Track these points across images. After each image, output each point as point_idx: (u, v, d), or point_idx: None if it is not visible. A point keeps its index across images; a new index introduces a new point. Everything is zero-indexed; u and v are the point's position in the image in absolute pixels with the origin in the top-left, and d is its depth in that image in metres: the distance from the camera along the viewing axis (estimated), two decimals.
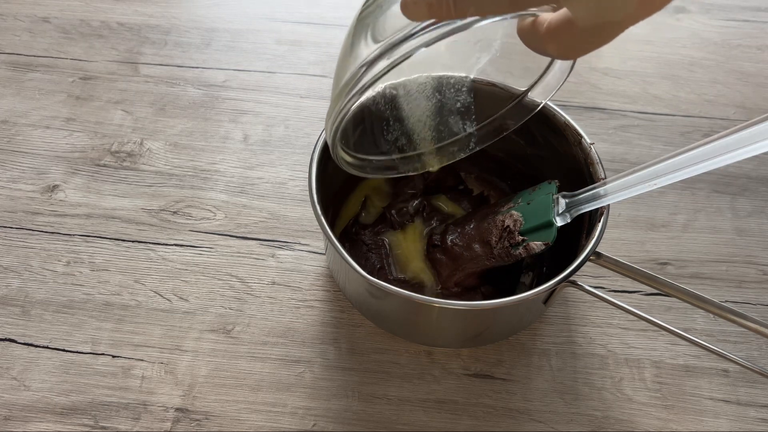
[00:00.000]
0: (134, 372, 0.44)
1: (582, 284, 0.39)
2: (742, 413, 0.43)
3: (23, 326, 0.46)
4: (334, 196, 0.49)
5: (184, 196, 0.53)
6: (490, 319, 0.42)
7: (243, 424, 0.42)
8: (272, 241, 0.50)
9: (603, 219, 0.38)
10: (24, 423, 0.41)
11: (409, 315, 0.42)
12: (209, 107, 0.59)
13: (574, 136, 0.43)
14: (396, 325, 0.44)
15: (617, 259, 0.38)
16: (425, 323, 0.42)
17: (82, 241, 0.50)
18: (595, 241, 0.38)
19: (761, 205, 0.54)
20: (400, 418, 0.42)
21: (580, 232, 0.41)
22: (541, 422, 0.42)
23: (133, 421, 0.42)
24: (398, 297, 0.36)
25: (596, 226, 0.38)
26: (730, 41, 0.67)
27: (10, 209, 0.52)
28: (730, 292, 0.49)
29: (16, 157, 0.55)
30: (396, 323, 0.44)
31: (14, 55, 0.63)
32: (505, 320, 0.43)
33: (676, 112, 0.60)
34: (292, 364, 0.44)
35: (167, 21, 0.67)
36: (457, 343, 0.45)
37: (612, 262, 0.38)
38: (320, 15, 0.69)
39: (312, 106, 0.60)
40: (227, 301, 0.47)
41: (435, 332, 0.44)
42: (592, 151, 0.42)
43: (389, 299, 0.40)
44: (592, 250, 0.37)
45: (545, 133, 0.45)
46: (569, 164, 0.44)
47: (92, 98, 0.60)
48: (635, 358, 0.45)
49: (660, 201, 0.54)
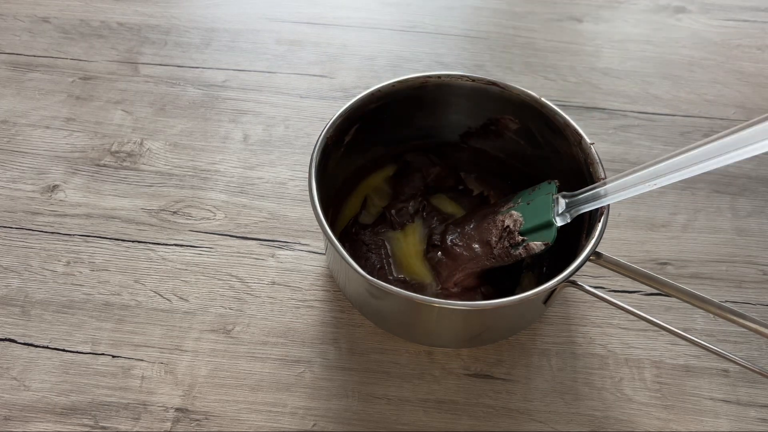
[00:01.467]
0: (134, 372, 0.44)
1: (582, 284, 0.39)
2: (742, 413, 0.43)
3: (23, 326, 0.46)
4: (335, 196, 0.49)
5: (184, 196, 0.53)
6: (490, 319, 0.42)
7: (243, 424, 0.42)
8: (272, 241, 0.50)
9: (603, 219, 0.38)
10: (24, 423, 0.41)
11: (408, 315, 0.42)
12: (209, 107, 0.59)
13: (574, 136, 0.43)
14: (396, 325, 0.44)
15: (617, 259, 0.38)
16: (425, 323, 0.42)
17: (82, 241, 0.50)
18: (595, 241, 0.38)
19: (761, 205, 0.54)
20: (400, 418, 0.42)
21: (580, 232, 0.41)
22: (541, 422, 0.42)
23: (133, 421, 0.42)
24: (398, 297, 0.36)
25: (596, 226, 0.38)
26: (730, 41, 0.67)
27: (10, 209, 0.52)
28: (730, 292, 0.49)
29: (16, 157, 0.55)
30: (396, 323, 0.44)
31: (14, 55, 0.63)
32: (506, 320, 0.43)
33: (676, 112, 0.60)
34: (292, 364, 0.44)
35: (167, 21, 0.67)
36: (457, 344, 0.45)
37: (612, 262, 0.38)
38: (320, 15, 0.69)
39: (312, 106, 0.60)
40: (227, 301, 0.47)
41: (435, 332, 0.44)
42: (592, 151, 0.42)
43: (389, 299, 0.40)
44: (592, 250, 0.37)
45: (545, 133, 0.45)
46: (569, 164, 0.44)
47: (92, 98, 0.60)
48: (635, 358, 0.45)
49: (660, 201, 0.54)
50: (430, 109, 0.48)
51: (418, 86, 0.46)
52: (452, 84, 0.46)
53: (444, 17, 0.69)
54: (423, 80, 0.46)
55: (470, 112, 0.48)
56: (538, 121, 0.45)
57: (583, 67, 0.64)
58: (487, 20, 0.69)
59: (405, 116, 0.49)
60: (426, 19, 0.69)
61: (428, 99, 0.47)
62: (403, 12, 0.69)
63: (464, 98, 0.47)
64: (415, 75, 0.46)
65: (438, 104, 0.48)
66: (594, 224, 0.39)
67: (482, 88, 0.46)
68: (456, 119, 0.50)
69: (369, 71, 0.63)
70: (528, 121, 0.46)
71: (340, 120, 0.44)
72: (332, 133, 0.43)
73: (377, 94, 0.45)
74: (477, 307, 0.37)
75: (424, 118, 0.49)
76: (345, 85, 0.62)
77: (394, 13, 0.69)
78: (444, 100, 0.48)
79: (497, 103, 0.46)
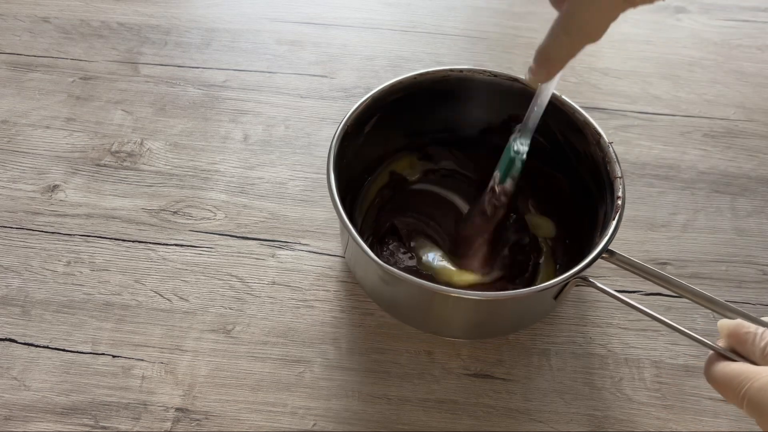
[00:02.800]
0: (134, 372, 0.44)
1: (594, 281, 0.39)
2: (742, 413, 0.43)
3: (23, 326, 0.46)
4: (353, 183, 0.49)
5: (184, 196, 0.53)
6: (503, 308, 0.42)
7: (243, 424, 0.42)
8: (272, 241, 0.50)
9: (617, 216, 0.39)
10: (24, 423, 0.42)
11: (422, 303, 0.43)
12: (209, 107, 0.59)
13: (593, 135, 0.43)
14: (409, 313, 0.45)
15: (631, 258, 0.38)
16: (439, 311, 0.43)
17: (83, 241, 0.50)
18: (609, 238, 0.38)
19: (761, 205, 0.54)
20: (400, 418, 0.42)
21: (594, 231, 0.42)
22: (541, 422, 0.43)
23: (133, 421, 0.42)
24: (411, 285, 0.37)
25: (610, 223, 0.38)
26: (730, 41, 0.67)
27: (11, 209, 0.52)
28: (730, 292, 0.49)
29: (16, 157, 0.55)
30: (409, 311, 0.45)
31: (14, 55, 0.63)
32: (516, 312, 0.44)
33: (676, 112, 0.60)
34: (292, 364, 0.44)
35: (167, 21, 0.67)
36: (465, 334, 0.45)
37: (625, 260, 0.38)
38: (320, 15, 0.69)
39: (312, 106, 0.60)
40: (227, 301, 0.47)
41: (447, 321, 0.44)
42: (610, 150, 0.42)
43: (402, 286, 0.40)
44: (605, 247, 0.38)
45: (565, 131, 0.45)
46: (587, 162, 0.44)
47: (92, 98, 0.60)
48: (635, 358, 0.45)
49: (660, 201, 0.54)
50: (452, 103, 0.49)
51: (440, 79, 0.46)
52: (474, 78, 0.46)
53: (444, 17, 0.69)
54: (445, 74, 0.46)
55: (491, 108, 0.48)
56: (558, 118, 0.45)
57: (583, 67, 0.64)
58: (488, 20, 0.69)
59: (426, 109, 0.49)
60: (426, 19, 0.69)
61: (450, 93, 0.47)
62: (403, 12, 0.69)
63: (485, 94, 0.47)
64: (437, 68, 0.46)
65: (459, 98, 0.48)
66: (608, 222, 0.39)
67: (504, 83, 0.46)
68: (477, 114, 0.50)
69: (369, 71, 0.63)
70: (548, 118, 0.46)
71: (361, 109, 0.44)
72: (352, 122, 0.43)
73: (398, 86, 0.45)
74: (489, 297, 0.38)
75: (445, 111, 0.49)
76: (345, 85, 0.62)
77: (395, 13, 0.69)
78: (465, 95, 0.48)
79: (518, 99, 0.46)
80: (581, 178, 0.46)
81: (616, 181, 0.41)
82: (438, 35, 0.67)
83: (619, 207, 0.39)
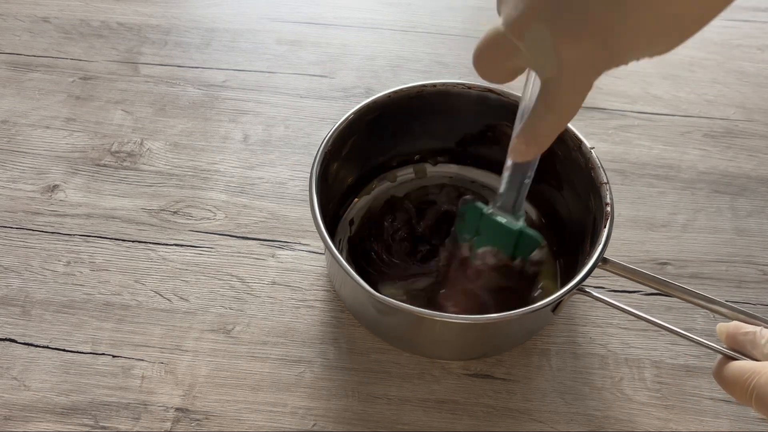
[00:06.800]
0: (134, 372, 0.44)
1: (590, 291, 0.39)
2: (742, 413, 0.43)
3: (23, 326, 0.46)
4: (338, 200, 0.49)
5: (184, 196, 0.53)
6: (499, 330, 0.42)
7: (243, 424, 0.42)
8: (272, 241, 0.50)
9: (608, 224, 0.38)
10: (24, 423, 0.42)
11: (412, 329, 0.42)
12: (209, 107, 0.59)
13: (573, 141, 0.43)
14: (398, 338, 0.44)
15: (625, 264, 0.38)
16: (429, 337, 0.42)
17: (83, 241, 0.50)
18: (602, 247, 0.37)
19: (761, 205, 0.54)
20: (400, 418, 0.42)
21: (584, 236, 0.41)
22: (541, 422, 0.43)
23: (133, 421, 0.42)
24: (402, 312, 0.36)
25: (602, 232, 0.38)
26: (730, 41, 0.67)
27: (10, 209, 0.52)
28: (729, 292, 0.49)
29: (16, 157, 0.55)
30: (397, 337, 0.44)
31: (14, 55, 0.63)
32: (516, 330, 0.43)
33: (676, 112, 0.60)
34: (292, 364, 0.44)
35: (167, 21, 0.67)
36: (462, 356, 0.45)
37: (620, 267, 0.38)
38: (320, 15, 0.69)
39: (312, 106, 0.60)
40: (227, 301, 0.47)
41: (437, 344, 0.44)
42: (593, 156, 0.42)
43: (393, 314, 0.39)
44: (599, 257, 0.37)
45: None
46: (570, 169, 0.44)
47: (92, 98, 0.60)
48: (635, 358, 0.45)
49: (660, 201, 0.54)
50: (428, 117, 0.48)
51: (415, 95, 0.46)
52: (449, 92, 0.46)
53: (444, 17, 0.69)
54: (419, 89, 0.46)
55: (468, 119, 0.48)
56: None
57: None
58: (488, 20, 0.68)
59: (403, 125, 0.48)
60: (426, 19, 0.69)
61: (426, 107, 0.47)
62: (403, 12, 0.69)
63: (462, 105, 0.47)
64: (411, 84, 0.46)
65: (436, 112, 0.48)
66: (599, 230, 0.39)
67: (480, 95, 0.46)
68: (454, 126, 0.49)
69: (369, 71, 0.63)
70: None
71: (337, 134, 0.44)
72: (330, 147, 0.43)
73: (372, 106, 0.45)
74: (482, 320, 0.37)
75: (422, 125, 0.49)
76: (345, 85, 0.62)
77: (394, 13, 0.69)
78: (442, 109, 0.47)
79: (495, 109, 0.46)
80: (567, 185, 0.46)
81: (602, 188, 0.40)
82: (438, 35, 0.67)
83: (608, 214, 0.39)
